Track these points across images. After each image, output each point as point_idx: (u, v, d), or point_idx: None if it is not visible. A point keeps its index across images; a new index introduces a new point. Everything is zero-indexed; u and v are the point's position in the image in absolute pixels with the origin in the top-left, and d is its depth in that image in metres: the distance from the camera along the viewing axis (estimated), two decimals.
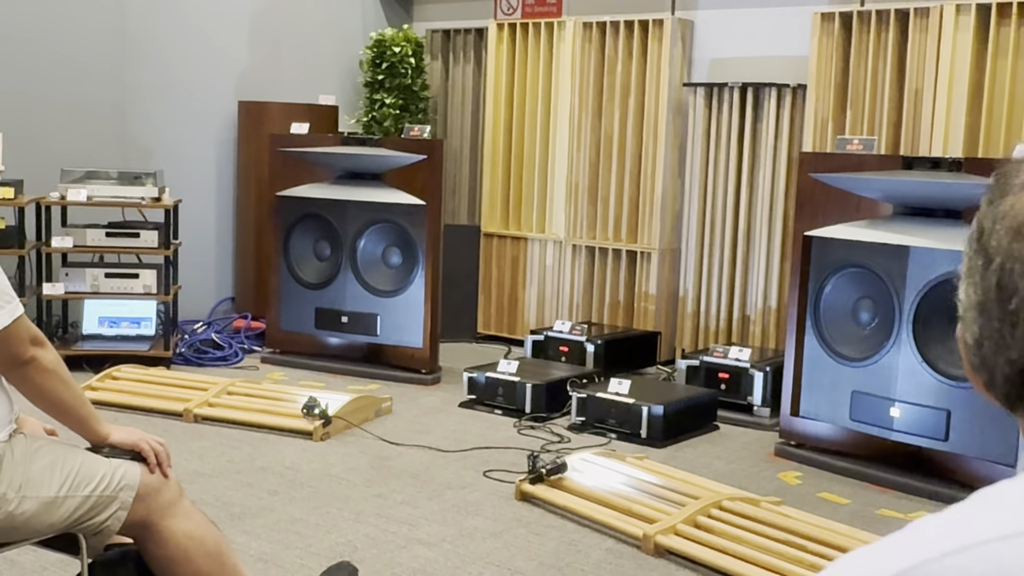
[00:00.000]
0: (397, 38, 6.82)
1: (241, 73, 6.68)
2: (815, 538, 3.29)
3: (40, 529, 2.14)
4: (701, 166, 5.94)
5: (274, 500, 3.77)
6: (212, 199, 6.66)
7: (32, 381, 2.16)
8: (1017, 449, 3.82)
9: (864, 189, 4.25)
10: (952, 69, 5.06)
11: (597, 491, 3.73)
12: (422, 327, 5.53)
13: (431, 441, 4.54)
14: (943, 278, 4.02)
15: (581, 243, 6.36)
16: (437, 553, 3.34)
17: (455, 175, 7.12)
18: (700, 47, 6.11)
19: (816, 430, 4.44)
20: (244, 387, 4.97)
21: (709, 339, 5.93)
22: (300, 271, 5.81)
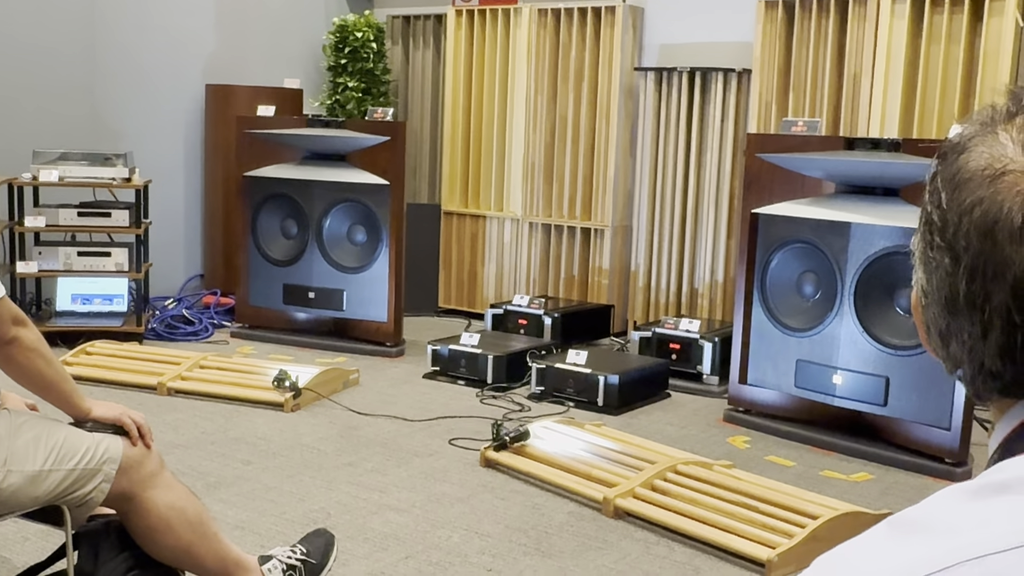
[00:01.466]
0: (359, 24, 6.73)
1: (208, 57, 6.56)
2: (764, 499, 3.31)
3: (25, 502, 2.08)
4: (651, 147, 5.93)
5: (248, 469, 3.72)
6: (181, 179, 6.55)
7: (15, 360, 2.11)
8: (951, 413, 3.86)
9: (808, 169, 4.26)
10: (888, 55, 5.08)
11: (558, 457, 3.73)
12: (386, 302, 5.49)
13: (398, 411, 4.51)
14: (882, 253, 4.04)
15: (537, 221, 6.33)
16: (407, 518, 3.32)
17: (416, 156, 7.05)
18: (650, 33, 6.09)
19: (763, 397, 4.47)
20: (215, 361, 4.90)
21: (660, 312, 5.95)
22: (268, 249, 5.74)
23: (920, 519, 0.68)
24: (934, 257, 0.74)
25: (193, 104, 6.50)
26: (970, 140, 0.73)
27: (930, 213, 0.75)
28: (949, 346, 0.75)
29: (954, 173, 0.73)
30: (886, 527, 0.69)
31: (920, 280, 0.78)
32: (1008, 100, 0.74)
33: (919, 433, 3.98)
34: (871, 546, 0.68)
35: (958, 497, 0.68)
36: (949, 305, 0.73)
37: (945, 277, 0.73)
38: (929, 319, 0.77)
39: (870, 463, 4.03)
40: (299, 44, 7.01)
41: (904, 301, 4.04)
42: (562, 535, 3.23)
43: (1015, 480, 0.67)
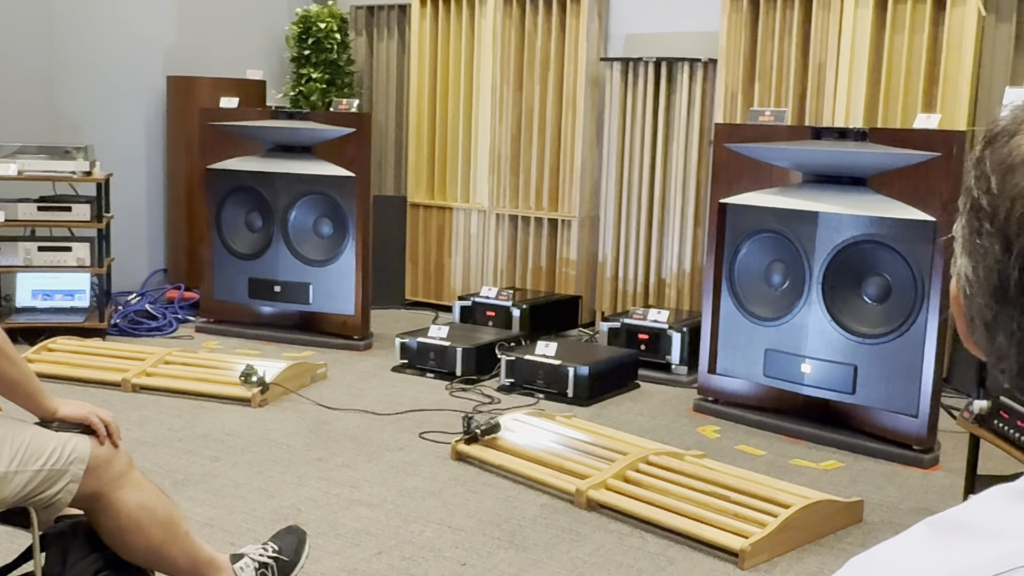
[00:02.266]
0: (322, 14, 6.66)
1: (169, 49, 6.47)
2: (737, 488, 3.31)
3: None
4: (618, 137, 5.92)
5: (216, 466, 3.67)
6: (143, 173, 6.46)
7: None
8: (919, 400, 3.89)
9: (776, 158, 4.27)
10: (853, 44, 5.10)
11: (530, 449, 3.72)
12: (353, 295, 5.44)
13: (367, 405, 4.47)
14: (850, 242, 4.06)
15: (504, 212, 6.31)
16: (379, 513, 3.29)
17: (381, 147, 7.00)
18: (616, 23, 6.08)
19: (732, 386, 4.48)
20: (181, 356, 4.84)
21: (628, 302, 5.95)
22: (232, 242, 5.67)
23: (963, 520, 0.65)
24: (982, 244, 0.71)
25: (154, 96, 6.41)
26: (1022, 123, 0.71)
27: (977, 198, 0.71)
28: (995, 339, 0.72)
29: (1005, 156, 0.70)
30: (926, 528, 0.67)
31: (963, 269, 0.74)
32: None
33: (887, 420, 4.01)
34: (910, 548, 0.66)
35: (1003, 498, 0.66)
36: (998, 295, 0.70)
37: (994, 264, 0.70)
38: (973, 310, 0.74)
39: (839, 451, 4.06)
40: (262, 35, 6.93)
41: (872, 289, 4.06)
42: (535, 528, 3.22)
43: None
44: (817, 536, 3.19)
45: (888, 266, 3.99)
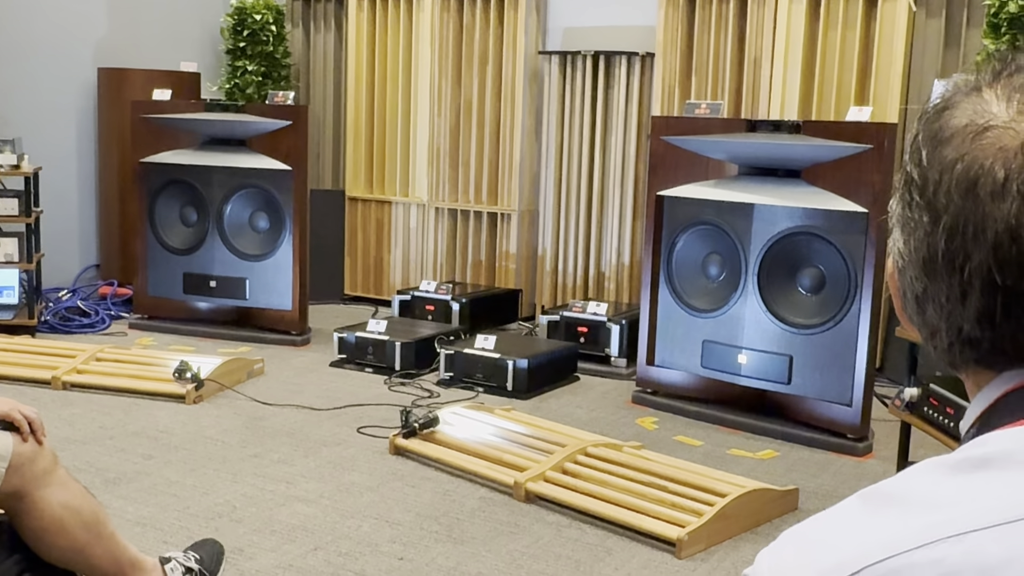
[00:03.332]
0: (258, 6, 6.57)
1: (100, 40, 6.33)
2: (674, 478, 3.33)
3: None
4: (557, 131, 5.92)
5: (149, 464, 3.60)
6: (73, 166, 6.32)
7: None
8: (852, 389, 3.94)
9: (712, 151, 4.29)
10: (788, 39, 5.15)
11: (468, 443, 3.70)
12: (291, 290, 5.38)
13: (304, 400, 4.42)
14: (785, 233, 4.10)
15: (443, 206, 6.28)
16: (316, 509, 3.25)
17: (319, 141, 6.93)
18: (554, 17, 6.07)
19: (670, 378, 4.50)
20: (113, 353, 4.74)
21: (567, 295, 5.95)
22: (166, 237, 5.57)
23: (896, 492, 0.65)
24: (912, 217, 0.71)
25: (85, 88, 6.27)
26: (953, 98, 0.71)
27: (910, 172, 0.72)
28: (925, 312, 0.72)
29: (936, 131, 0.70)
30: (858, 500, 0.66)
31: (897, 243, 0.74)
32: (994, 61, 0.72)
33: (822, 410, 4.05)
34: (843, 521, 0.66)
35: (937, 471, 0.66)
36: (927, 267, 0.70)
37: (924, 237, 0.70)
38: (905, 284, 0.74)
39: (775, 440, 4.09)
40: (196, 27, 6.81)
41: (807, 280, 4.10)
42: (473, 521, 3.20)
43: (996, 455, 0.64)
44: (753, 524, 3.21)
45: (822, 257, 4.03)
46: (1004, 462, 0.64)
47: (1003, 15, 4.46)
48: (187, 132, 5.49)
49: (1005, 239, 0.65)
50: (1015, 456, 0.64)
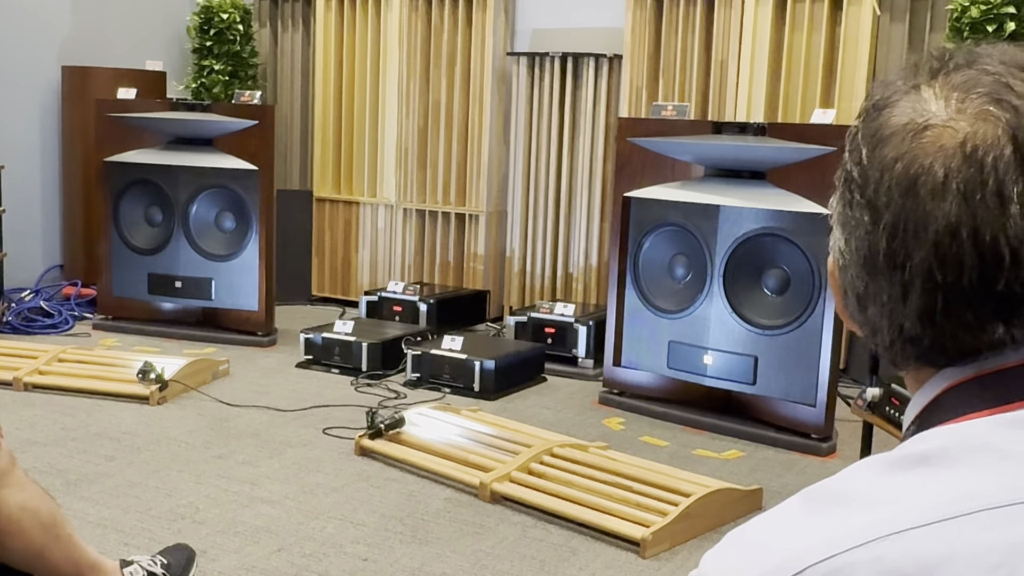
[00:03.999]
0: (225, 5, 6.53)
1: (64, 37, 6.27)
2: (639, 479, 3.34)
3: None
4: (525, 132, 5.93)
5: (111, 465, 3.57)
6: (37, 165, 6.25)
7: None
8: (816, 390, 3.97)
9: (678, 152, 4.31)
10: (754, 41, 5.18)
11: (434, 443, 3.69)
12: (257, 290, 5.35)
13: (269, 401, 4.39)
14: (751, 235, 4.12)
15: (412, 207, 6.27)
16: (280, 510, 3.23)
17: (286, 141, 6.89)
18: (522, 18, 6.08)
19: (636, 378, 4.51)
20: (76, 354, 4.69)
21: (535, 296, 5.96)
22: (131, 237, 5.52)
23: (838, 491, 0.66)
24: (853, 216, 0.71)
25: (49, 87, 6.21)
26: (892, 96, 0.71)
27: (850, 171, 0.72)
28: (867, 310, 0.72)
29: (876, 129, 0.70)
30: (801, 500, 0.67)
31: (837, 242, 0.74)
32: (932, 59, 0.72)
33: (786, 410, 4.08)
34: (786, 520, 0.66)
35: (877, 469, 0.66)
36: (868, 265, 0.70)
37: (864, 236, 0.70)
38: (846, 282, 0.74)
39: (740, 440, 4.11)
40: (162, 25, 6.76)
41: (772, 282, 4.13)
42: (438, 522, 3.19)
43: (935, 451, 0.65)
44: (718, 524, 3.22)
45: (787, 258, 4.06)
46: (942, 459, 0.64)
47: (965, 19, 4.51)
48: (152, 131, 5.44)
49: (946, 237, 0.65)
50: (953, 453, 0.64)
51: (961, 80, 0.69)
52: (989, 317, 0.66)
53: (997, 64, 0.69)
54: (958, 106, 0.67)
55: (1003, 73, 0.68)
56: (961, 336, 0.68)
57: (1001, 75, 0.68)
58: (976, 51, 0.72)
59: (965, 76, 0.69)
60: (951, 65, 0.71)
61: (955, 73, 0.70)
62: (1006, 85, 0.67)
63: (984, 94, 0.67)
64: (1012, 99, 0.66)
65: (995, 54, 0.70)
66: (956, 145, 0.66)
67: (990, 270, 0.65)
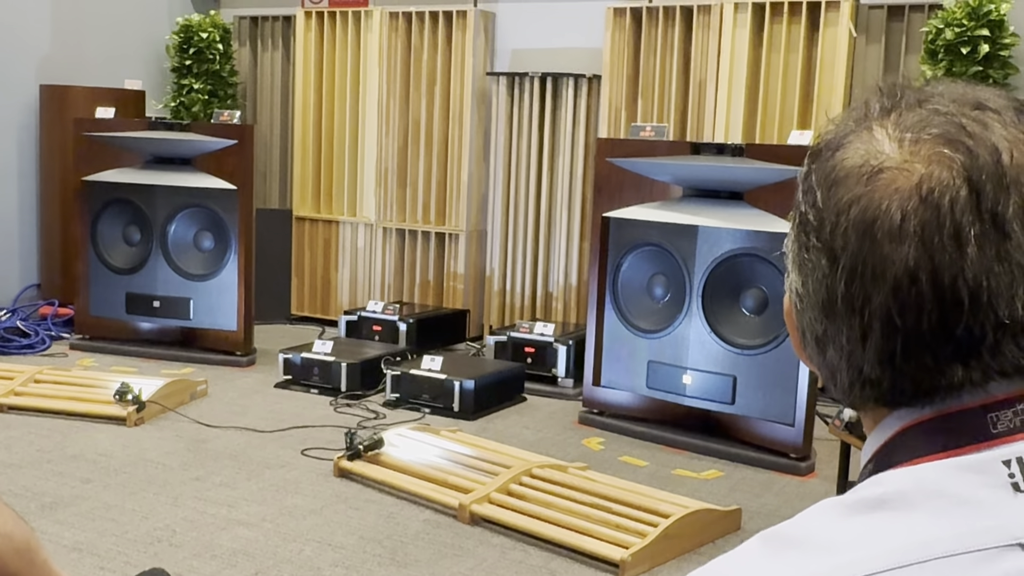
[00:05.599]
0: (204, 24, 6.53)
1: (42, 57, 6.25)
2: (619, 499, 3.34)
3: None
4: (504, 151, 5.95)
5: (87, 488, 3.54)
6: (14, 184, 6.21)
7: None
8: (795, 409, 3.99)
9: (657, 173, 4.33)
10: (732, 62, 5.23)
11: (413, 464, 3.68)
12: (236, 310, 5.33)
13: (248, 422, 4.38)
14: (728, 255, 4.14)
15: (391, 226, 6.27)
16: (257, 533, 3.21)
17: (266, 160, 6.89)
18: (502, 38, 6.11)
19: (616, 398, 4.52)
20: (53, 375, 4.66)
21: (515, 316, 5.96)
22: (109, 256, 5.50)
23: (795, 535, 0.65)
24: (810, 259, 0.70)
25: (26, 105, 6.18)
26: (845, 137, 0.70)
27: (805, 213, 0.71)
28: (826, 352, 0.71)
29: (829, 171, 0.69)
30: (759, 543, 0.66)
31: (794, 283, 0.73)
32: (882, 96, 0.71)
33: (765, 430, 4.09)
34: (744, 563, 0.66)
35: (834, 512, 0.66)
36: (826, 308, 0.69)
37: (822, 279, 0.69)
38: (804, 324, 0.73)
39: (719, 460, 4.12)
40: (141, 44, 6.75)
41: (750, 301, 4.15)
42: (417, 544, 3.18)
43: (891, 496, 0.65)
44: (697, 545, 3.23)
45: (765, 278, 4.09)
46: (898, 504, 0.64)
47: (940, 42, 4.57)
48: (131, 150, 5.43)
49: (904, 281, 0.65)
50: (909, 497, 0.64)
51: (914, 120, 0.68)
52: (948, 360, 0.66)
53: (948, 103, 0.68)
54: (911, 148, 0.67)
55: (955, 112, 0.67)
56: (920, 378, 0.67)
57: (953, 115, 0.67)
58: (927, 90, 0.70)
59: (917, 116, 0.68)
60: (903, 104, 0.70)
61: (907, 113, 0.69)
62: (959, 125, 0.66)
63: (937, 135, 0.66)
64: (965, 140, 0.66)
65: (946, 93, 0.70)
66: (911, 187, 0.65)
67: (950, 313, 0.65)
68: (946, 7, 4.65)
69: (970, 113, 0.67)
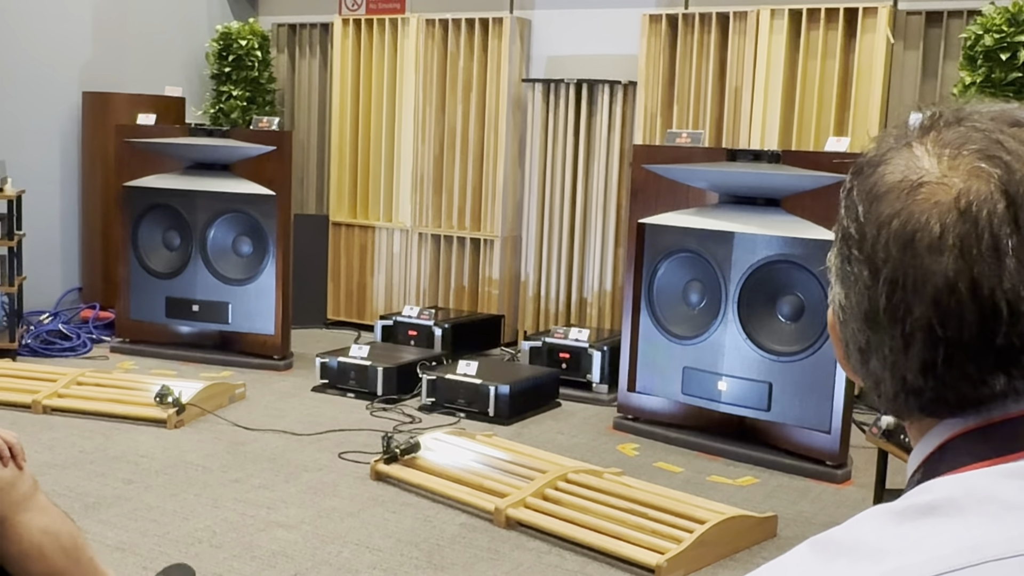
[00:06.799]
0: (243, 31, 6.61)
1: (85, 64, 6.35)
2: (654, 505, 3.35)
3: None
4: (540, 157, 5.97)
5: (129, 489, 3.60)
6: (57, 190, 6.32)
7: None
8: (831, 417, 3.97)
9: (693, 179, 4.34)
10: (768, 68, 5.22)
11: (449, 468, 3.71)
12: (274, 314, 5.39)
13: (286, 425, 4.42)
14: (765, 261, 4.14)
15: (427, 231, 6.31)
16: (296, 535, 3.25)
17: (303, 166, 6.95)
18: (538, 45, 6.13)
19: (651, 404, 4.52)
20: (94, 377, 4.73)
21: (549, 321, 5.98)
22: (149, 261, 5.58)
23: (845, 541, 0.66)
24: (852, 271, 0.72)
25: (69, 112, 6.28)
26: (885, 154, 0.73)
27: (847, 227, 0.73)
28: (869, 363, 0.73)
29: (871, 186, 0.72)
30: (809, 548, 0.67)
31: (837, 296, 0.75)
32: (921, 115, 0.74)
33: (801, 437, 4.08)
34: (794, 569, 0.67)
35: (884, 518, 0.67)
36: (869, 320, 0.71)
37: (864, 291, 0.71)
38: (848, 336, 0.75)
39: (755, 467, 4.11)
40: (181, 52, 6.84)
41: (786, 308, 4.14)
42: (454, 547, 3.20)
43: (941, 502, 0.66)
44: (732, 551, 3.22)
45: (801, 285, 4.08)
46: (948, 509, 0.65)
47: (979, 48, 4.53)
48: (171, 156, 5.51)
49: (944, 292, 0.66)
50: (959, 503, 0.65)
51: (952, 137, 0.70)
52: (990, 369, 0.67)
53: (986, 121, 0.70)
54: (950, 163, 0.69)
55: (992, 129, 0.69)
56: (963, 388, 0.69)
57: (991, 131, 0.69)
58: (965, 108, 0.73)
59: (956, 133, 0.70)
60: (941, 122, 0.72)
61: (946, 130, 0.71)
62: (996, 141, 0.68)
63: (975, 150, 0.68)
64: (1003, 155, 0.67)
65: (984, 111, 0.72)
66: (951, 201, 0.67)
67: (989, 323, 0.66)
68: (985, 13, 4.62)
69: (1008, 130, 0.69)
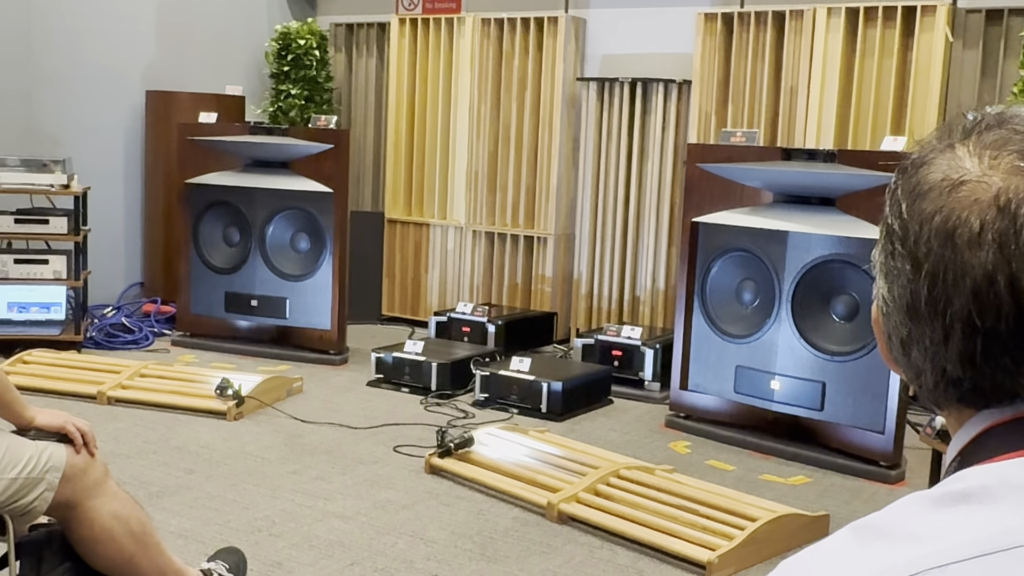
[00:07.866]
0: (302, 31, 6.71)
1: (148, 63, 6.50)
2: (705, 502, 3.36)
3: None
4: (594, 156, 5.99)
5: (191, 478, 3.69)
6: (120, 186, 6.47)
7: None
8: (885, 417, 3.96)
9: (747, 178, 4.34)
10: (824, 67, 5.20)
11: (503, 463, 3.75)
12: (330, 309, 5.47)
13: (342, 419, 4.50)
14: (819, 261, 4.13)
15: (481, 229, 6.36)
16: (353, 525, 3.32)
17: (359, 164, 7.04)
18: (592, 44, 6.16)
19: (703, 402, 4.53)
20: (156, 369, 4.85)
21: (602, 319, 6.00)
22: (209, 256, 5.69)
23: (883, 526, 0.69)
24: (895, 265, 0.76)
25: (133, 110, 6.43)
26: (929, 155, 0.77)
27: (891, 224, 0.77)
28: (911, 354, 0.77)
29: (914, 185, 0.75)
30: (850, 532, 0.71)
31: (881, 290, 0.79)
32: (964, 119, 0.78)
33: (854, 437, 4.07)
34: (835, 551, 0.70)
35: (921, 505, 0.70)
36: (911, 312, 0.75)
37: (906, 284, 0.74)
38: (890, 328, 0.78)
39: (807, 466, 4.11)
40: (241, 51, 6.97)
41: (840, 308, 4.13)
42: (507, 540, 3.25)
43: (976, 489, 0.69)
44: (784, 549, 3.23)
45: (856, 285, 4.06)
46: (983, 497, 0.68)
47: None
48: (232, 154, 5.62)
49: (983, 285, 0.70)
50: (993, 491, 0.69)
51: (993, 139, 0.74)
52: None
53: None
54: (991, 163, 0.73)
55: None
56: (1000, 379, 0.72)
57: None
58: (1007, 112, 0.77)
59: (996, 135, 0.74)
60: (983, 125, 0.76)
61: (987, 133, 0.75)
62: None
63: (1015, 151, 0.72)
64: None
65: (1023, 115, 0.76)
66: (990, 199, 0.71)
67: None
68: None
69: None
